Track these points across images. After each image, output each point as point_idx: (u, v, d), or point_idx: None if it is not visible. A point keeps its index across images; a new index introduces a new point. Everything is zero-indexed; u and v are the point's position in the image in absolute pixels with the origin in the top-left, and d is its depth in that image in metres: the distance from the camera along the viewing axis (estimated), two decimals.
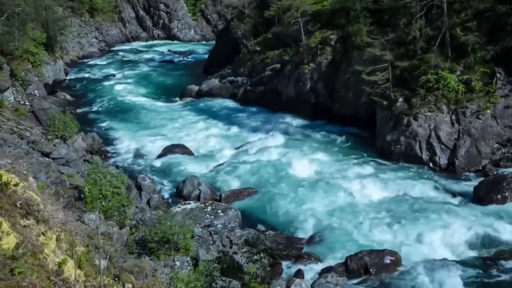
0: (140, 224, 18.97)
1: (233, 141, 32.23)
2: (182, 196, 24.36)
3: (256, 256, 17.66)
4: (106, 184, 19.08)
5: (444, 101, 26.69)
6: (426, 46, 28.71)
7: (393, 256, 18.12)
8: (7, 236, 5.94)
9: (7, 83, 32.70)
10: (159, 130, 35.14)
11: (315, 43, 36.01)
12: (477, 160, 25.32)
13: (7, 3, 34.41)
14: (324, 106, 34.75)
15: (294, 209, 22.59)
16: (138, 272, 11.18)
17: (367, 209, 22.26)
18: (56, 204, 8.16)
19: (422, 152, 26.07)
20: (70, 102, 42.20)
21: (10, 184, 6.79)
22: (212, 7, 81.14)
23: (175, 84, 49.26)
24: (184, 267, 15.95)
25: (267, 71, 39.70)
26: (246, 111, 38.91)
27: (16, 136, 26.29)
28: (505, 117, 25.89)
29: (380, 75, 28.64)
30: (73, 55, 63.65)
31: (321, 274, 17.46)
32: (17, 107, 31.98)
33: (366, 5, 32.63)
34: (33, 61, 37.47)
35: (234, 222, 20.83)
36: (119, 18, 77.79)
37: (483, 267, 17.68)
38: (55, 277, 6.08)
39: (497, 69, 26.66)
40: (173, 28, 76.83)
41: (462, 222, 20.27)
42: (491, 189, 22.26)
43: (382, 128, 28.70)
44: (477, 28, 27.46)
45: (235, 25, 50.88)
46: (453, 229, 19.84)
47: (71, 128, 30.36)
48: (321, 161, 27.84)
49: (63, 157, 25.84)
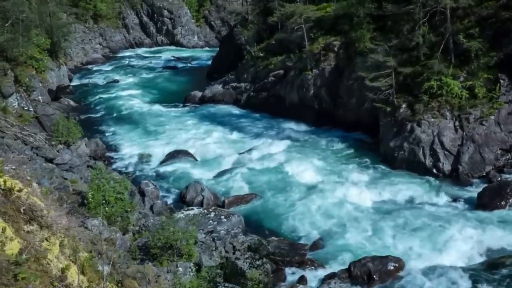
0: (143, 229, 18.98)
1: (236, 147, 32.23)
2: (185, 202, 24.36)
3: (259, 262, 17.66)
4: (109, 189, 19.11)
5: (448, 107, 26.65)
6: (429, 52, 28.68)
7: (397, 263, 18.07)
8: (10, 241, 5.95)
9: (11, 89, 32.86)
10: (162, 136, 35.18)
11: (318, 49, 36.06)
12: (480, 166, 25.24)
13: (11, 9, 34.63)
14: (328, 112, 34.75)
15: (297, 215, 22.54)
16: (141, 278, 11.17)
17: (370, 215, 22.22)
18: (59, 210, 8.17)
19: (426, 158, 26.01)
20: (73, 108, 42.35)
21: (14, 190, 6.81)
22: (216, 13, 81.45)
23: (178, 90, 49.35)
24: (187, 273, 15.94)
25: (270, 77, 39.75)
26: (249, 117, 38.94)
27: (20, 142, 26.39)
28: (508, 123, 25.83)
29: (384, 81, 28.63)
30: (77, 61, 63.89)
31: (324, 280, 17.42)
32: (21, 112, 32.12)
33: (369, 11, 32.64)
34: (37, 67, 37.67)
35: (237, 228, 20.81)
36: (123, 24, 78.10)
37: (487, 273, 17.58)
38: (58, 283, 6.09)
39: (501, 75, 26.62)
40: (177, 34, 77.08)
41: (466, 228, 20.18)
42: (494, 195, 22.19)
43: (385, 134, 28.68)
44: (480, 34, 27.43)
45: (238, 31, 51.04)
46: (457, 236, 19.77)
47: (74, 134, 30.44)
48: (324, 167, 27.82)
49: (66, 163, 25.92)
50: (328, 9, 38.32)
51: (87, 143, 31.25)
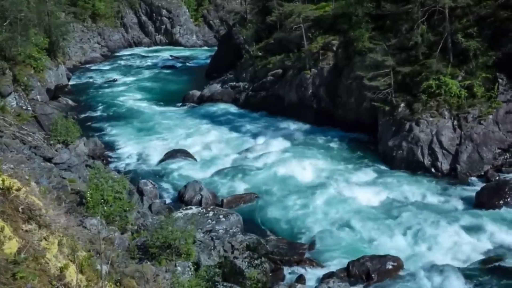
0: (142, 229, 18.96)
1: (234, 146, 32.25)
2: (183, 201, 24.34)
3: (258, 261, 17.68)
4: (108, 189, 19.07)
5: (446, 107, 26.67)
6: (428, 52, 28.71)
7: (395, 262, 18.08)
8: (9, 240, 5.94)
9: (9, 88, 32.83)
10: (161, 135, 35.18)
11: (317, 48, 36.08)
12: (479, 165, 25.28)
13: (10, 8, 34.56)
14: (326, 112, 34.77)
15: (295, 214, 22.56)
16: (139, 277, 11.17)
17: (369, 214, 22.22)
18: (58, 209, 8.15)
19: (424, 158, 26.04)
20: (72, 107, 42.33)
21: (13, 189, 6.79)
22: (214, 13, 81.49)
23: (177, 89, 49.36)
24: (185, 272, 15.93)
25: (269, 77, 39.76)
26: (248, 116, 38.96)
27: (18, 141, 26.35)
28: (507, 123, 25.87)
29: (382, 80, 28.65)
30: (75, 60, 63.91)
31: (323, 279, 17.41)
32: (20, 112, 32.08)
33: (368, 11, 32.67)
34: (35, 66, 37.62)
35: (236, 227, 20.79)
36: (121, 24, 78.14)
37: (485, 272, 17.61)
38: (57, 282, 6.09)
39: (499, 74, 26.66)
40: (175, 34, 77.12)
41: (464, 227, 20.21)
42: (493, 194, 22.22)
43: (384, 134, 28.70)
44: (479, 34, 27.46)
45: (237, 30, 51.07)
46: (455, 235, 19.79)
47: (73, 133, 30.41)
48: (323, 166, 27.83)
49: (65, 162, 25.87)
50: (327, 8, 38.35)
51: (85, 143, 31.21)
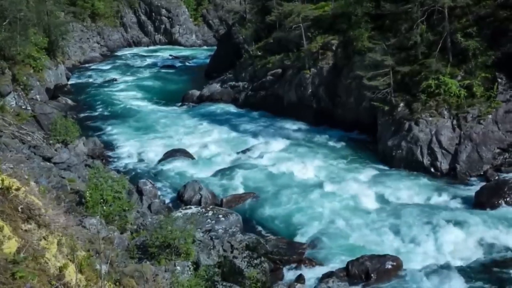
0: (141, 228, 18.97)
1: (234, 146, 32.25)
2: (183, 200, 24.35)
3: (257, 260, 17.69)
4: (107, 188, 19.07)
5: (445, 106, 26.67)
6: (427, 51, 28.71)
7: (395, 262, 18.08)
8: (8, 240, 5.94)
9: (9, 88, 32.83)
10: (160, 135, 35.18)
11: (316, 48, 36.08)
12: (478, 165, 25.29)
13: (9, 8, 34.54)
14: (326, 111, 34.77)
15: (295, 214, 22.55)
16: (139, 277, 11.16)
17: (368, 214, 22.23)
18: (57, 209, 8.16)
19: (423, 157, 26.04)
20: (71, 106, 42.30)
21: (12, 189, 6.79)
22: (214, 12, 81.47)
23: (176, 89, 49.35)
24: (185, 272, 15.94)
25: (269, 76, 39.76)
26: (247, 116, 38.97)
27: (17, 141, 26.34)
28: (506, 122, 25.87)
29: (381, 80, 28.65)
30: (74, 60, 63.85)
31: (322, 279, 17.43)
32: (19, 111, 32.05)
33: (367, 11, 32.67)
34: (35, 66, 37.59)
35: (235, 226, 20.80)
36: (120, 23, 78.09)
37: (484, 272, 17.63)
38: (56, 282, 6.09)
39: (498, 74, 26.66)
40: (175, 33, 77.09)
41: (463, 227, 20.19)
42: (492, 194, 22.23)
43: (383, 133, 28.71)
44: (478, 34, 27.45)
45: (236, 30, 51.06)
46: (454, 235, 19.77)
47: (72, 133, 30.38)
48: (322, 166, 27.84)
49: (64, 162, 25.86)
50: (326, 8, 38.36)
51: (85, 142, 31.20)
